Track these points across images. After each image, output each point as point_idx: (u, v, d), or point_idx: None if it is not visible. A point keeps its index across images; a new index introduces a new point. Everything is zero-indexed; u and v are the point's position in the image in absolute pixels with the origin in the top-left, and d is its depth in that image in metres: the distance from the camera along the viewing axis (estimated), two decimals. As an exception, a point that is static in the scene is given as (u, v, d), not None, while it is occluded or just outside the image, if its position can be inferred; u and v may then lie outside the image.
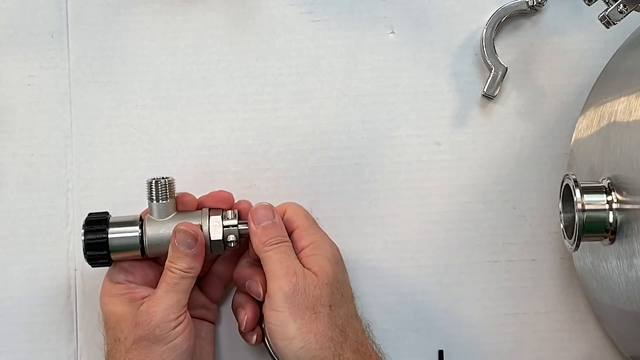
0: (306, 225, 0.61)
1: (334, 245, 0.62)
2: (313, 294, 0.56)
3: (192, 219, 0.60)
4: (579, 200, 0.52)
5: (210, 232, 0.59)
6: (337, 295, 0.58)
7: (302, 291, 0.56)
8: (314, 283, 0.56)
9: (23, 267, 0.65)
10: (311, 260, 0.58)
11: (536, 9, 0.66)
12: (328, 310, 0.56)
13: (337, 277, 0.58)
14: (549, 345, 0.65)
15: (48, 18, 0.68)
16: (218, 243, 0.59)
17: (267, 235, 0.59)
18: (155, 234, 0.59)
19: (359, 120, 0.67)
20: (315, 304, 0.56)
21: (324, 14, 0.68)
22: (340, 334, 0.56)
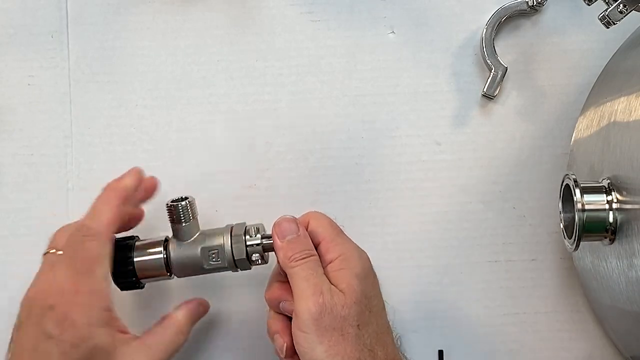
0: (332, 236, 0.58)
1: (363, 255, 0.59)
2: (340, 314, 0.54)
3: (215, 238, 0.59)
4: (579, 200, 0.52)
5: (233, 252, 0.58)
6: (365, 313, 0.55)
7: (329, 311, 0.54)
8: (341, 302, 0.54)
9: (23, 267, 0.65)
10: (339, 275, 0.56)
11: (536, 9, 0.66)
12: (356, 331, 0.54)
13: (365, 293, 0.56)
14: (549, 345, 0.65)
15: (48, 18, 0.68)
16: (243, 261, 0.59)
17: (293, 249, 0.56)
18: (180, 256, 0.59)
19: (359, 120, 0.67)
20: (343, 325, 0.54)
21: (324, 14, 0.68)
22: (369, 353, 0.54)
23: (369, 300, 0.56)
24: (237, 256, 0.58)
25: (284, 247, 0.57)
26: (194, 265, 0.59)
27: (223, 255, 0.58)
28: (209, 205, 0.66)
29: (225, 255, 0.58)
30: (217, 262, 0.58)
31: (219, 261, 0.58)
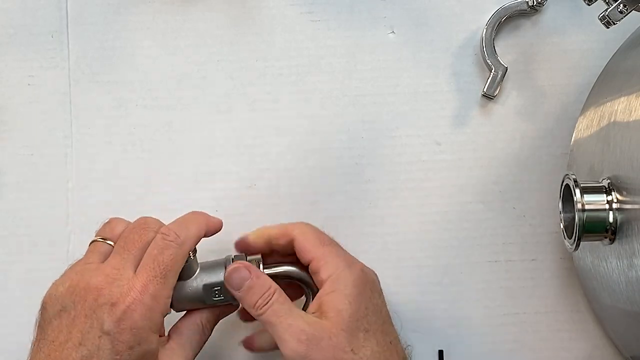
0: (323, 254, 0.57)
1: (355, 269, 0.57)
2: (329, 345, 0.53)
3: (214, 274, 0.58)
4: (579, 200, 0.52)
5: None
6: (359, 335, 0.54)
7: (316, 345, 0.52)
8: (327, 333, 0.53)
9: (23, 267, 0.65)
10: (328, 300, 0.55)
11: (536, 9, 0.66)
12: (351, 356, 0.53)
13: (357, 315, 0.54)
14: (549, 345, 0.65)
15: (48, 18, 0.68)
16: None
17: (253, 297, 0.55)
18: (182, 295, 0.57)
19: (359, 120, 0.67)
20: (335, 353, 0.53)
21: (324, 14, 0.68)
22: None
23: (362, 321, 0.55)
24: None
25: (243, 298, 0.56)
26: (196, 301, 0.58)
27: (225, 291, 0.57)
28: (209, 205, 0.66)
29: (227, 290, 0.57)
30: (219, 298, 0.58)
31: (222, 297, 0.58)
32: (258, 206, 0.66)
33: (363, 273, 0.57)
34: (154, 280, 0.53)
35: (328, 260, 0.57)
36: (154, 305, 0.53)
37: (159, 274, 0.54)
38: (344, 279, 0.56)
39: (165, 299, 0.54)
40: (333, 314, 0.54)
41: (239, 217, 0.66)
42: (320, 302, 0.55)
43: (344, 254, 0.58)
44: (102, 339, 0.51)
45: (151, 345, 0.53)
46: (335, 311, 0.54)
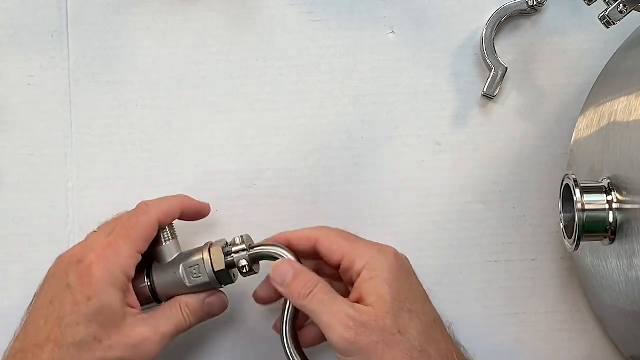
0: (352, 247, 0.57)
1: (389, 254, 0.57)
2: (376, 328, 0.53)
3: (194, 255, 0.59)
4: (579, 200, 0.52)
5: (212, 264, 0.58)
6: (404, 317, 0.54)
7: (364, 330, 0.53)
8: (373, 317, 0.53)
9: (23, 267, 0.65)
10: (368, 287, 0.55)
11: (536, 9, 0.66)
12: (399, 337, 0.53)
13: (399, 297, 0.55)
14: (549, 345, 0.65)
15: (48, 18, 0.68)
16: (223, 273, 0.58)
17: (296, 287, 0.56)
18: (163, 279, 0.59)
19: (359, 120, 0.67)
20: (384, 336, 0.53)
21: (324, 14, 0.68)
22: (420, 354, 0.53)
23: (405, 302, 0.55)
24: (217, 268, 0.58)
25: (287, 291, 0.56)
26: (176, 284, 0.58)
27: (203, 269, 0.58)
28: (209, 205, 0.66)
29: (205, 268, 0.58)
30: (198, 277, 0.58)
31: (200, 276, 0.58)
32: (258, 206, 0.66)
33: (396, 257, 0.57)
34: (118, 239, 0.57)
35: (359, 252, 0.57)
36: (114, 260, 0.56)
37: (124, 234, 0.57)
38: (380, 266, 0.56)
39: (128, 257, 0.56)
40: (375, 299, 0.54)
41: (239, 217, 0.66)
42: (360, 291, 0.55)
43: (373, 243, 0.59)
44: (65, 291, 0.55)
45: (109, 298, 0.55)
46: (377, 296, 0.55)
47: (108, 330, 0.54)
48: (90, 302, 0.54)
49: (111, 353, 0.54)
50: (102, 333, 0.54)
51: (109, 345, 0.54)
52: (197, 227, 0.66)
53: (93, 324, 0.54)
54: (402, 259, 0.58)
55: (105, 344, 0.54)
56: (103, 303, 0.54)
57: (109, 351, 0.54)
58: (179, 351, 0.65)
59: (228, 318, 0.65)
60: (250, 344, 0.65)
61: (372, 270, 0.56)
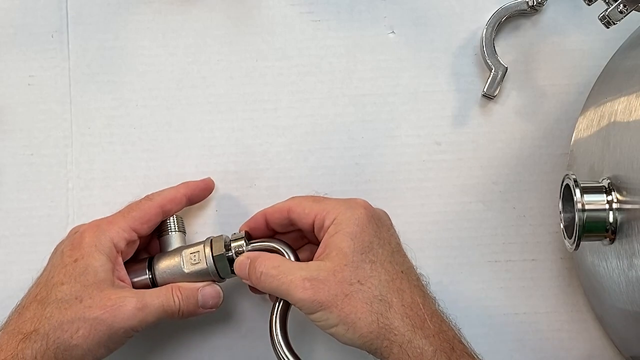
0: (322, 207, 0.58)
1: (357, 206, 0.58)
2: (334, 281, 0.54)
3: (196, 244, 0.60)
4: (579, 200, 0.52)
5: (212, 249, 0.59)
6: (364, 267, 0.55)
7: (322, 286, 0.54)
8: (330, 270, 0.55)
9: (23, 267, 0.65)
10: (331, 242, 0.56)
11: (536, 9, 0.66)
12: (358, 287, 0.54)
13: (361, 249, 0.56)
14: (549, 345, 0.65)
15: (48, 18, 0.68)
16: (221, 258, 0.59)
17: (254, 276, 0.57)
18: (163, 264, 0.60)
19: (359, 120, 0.67)
20: (342, 287, 0.54)
21: (324, 14, 0.68)
22: (381, 303, 0.54)
23: (367, 255, 0.56)
24: (217, 252, 0.59)
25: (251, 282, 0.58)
26: (175, 271, 0.59)
27: (203, 256, 0.59)
28: (209, 205, 0.66)
29: (205, 254, 0.59)
30: (197, 263, 0.59)
31: (198, 262, 0.59)
32: (258, 206, 0.66)
33: (366, 210, 0.58)
34: (117, 214, 0.61)
35: (329, 209, 0.58)
36: (106, 228, 0.59)
37: (123, 211, 0.61)
38: (345, 220, 0.57)
39: (119, 230, 0.59)
40: (335, 252, 0.56)
41: (239, 217, 0.66)
42: (325, 246, 0.57)
43: (344, 200, 0.60)
44: (58, 257, 0.59)
45: (95, 262, 0.57)
46: (337, 249, 0.56)
47: (89, 290, 0.56)
48: (76, 263, 0.57)
49: (89, 312, 0.55)
50: (84, 292, 0.56)
51: (89, 304, 0.56)
52: (198, 227, 0.66)
53: (77, 284, 0.56)
54: (373, 212, 0.59)
55: (85, 303, 0.56)
56: (88, 265, 0.57)
57: (88, 310, 0.55)
58: (180, 350, 0.65)
59: (227, 316, 0.65)
60: (249, 342, 0.65)
61: (338, 225, 0.57)
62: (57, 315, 0.55)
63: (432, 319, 0.55)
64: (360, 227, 0.57)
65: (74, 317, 0.55)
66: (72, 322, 0.55)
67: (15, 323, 0.56)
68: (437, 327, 0.55)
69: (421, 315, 0.55)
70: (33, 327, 0.55)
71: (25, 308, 0.57)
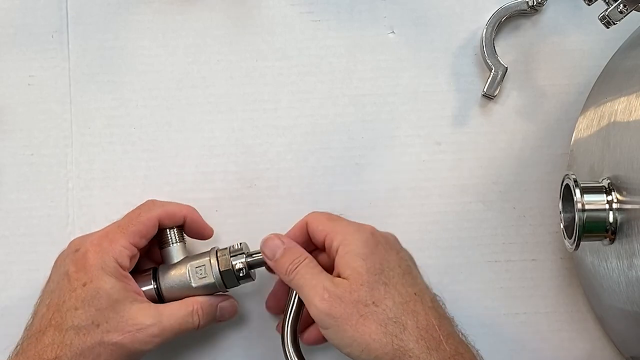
0: (332, 227, 0.59)
1: (365, 230, 0.59)
2: (351, 300, 0.55)
3: (200, 258, 0.60)
4: (579, 200, 0.52)
5: (219, 264, 0.59)
6: (379, 289, 0.56)
7: (339, 302, 0.54)
8: (347, 289, 0.55)
9: (23, 267, 0.65)
10: (344, 261, 0.57)
11: (536, 9, 0.66)
12: (373, 309, 0.55)
13: (373, 270, 0.56)
14: (549, 345, 0.65)
15: (48, 18, 0.68)
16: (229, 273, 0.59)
17: (285, 264, 0.58)
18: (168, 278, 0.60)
19: (359, 120, 0.67)
20: (357, 307, 0.55)
21: (324, 14, 0.68)
22: (395, 325, 0.54)
23: (379, 276, 0.56)
24: (223, 268, 0.59)
25: (276, 265, 0.58)
26: (182, 285, 0.59)
27: (210, 270, 0.59)
28: (209, 205, 0.66)
29: (212, 269, 0.59)
30: (204, 278, 0.59)
31: (205, 276, 0.59)
32: (258, 206, 0.66)
33: (373, 234, 0.59)
34: (115, 229, 0.59)
35: (338, 230, 0.59)
36: (108, 248, 0.58)
37: (121, 225, 0.59)
38: (354, 241, 0.58)
39: (121, 247, 0.58)
40: (349, 271, 0.56)
41: (239, 217, 0.66)
42: (337, 266, 0.57)
43: (353, 222, 0.60)
44: (63, 279, 0.58)
45: (104, 284, 0.56)
46: (351, 269, 0.56)
47: (106, 314, 0.56)
48: (85, 287, 0.56)
49: (108, 337, 0.56)
50: (100, 317, 0.56)
51: (107, 329, 0.56)
52: (197, 227, 0.66)
53: (91, 308, 0.56)
54: (381, 235, 0.59)
55: (103, 327, 0.56)
56: (98, 289, 0.56)
57: (107, 335, 0.56)
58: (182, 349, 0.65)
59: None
60: (253, 343, 0.65)
61: (347, 245, 0.57)
62: (77, 343, 0.55)
63: (448, 340, 0.55)
64: (370, 248, 0.57)
65: (94, 343, 0.55)
66: (93, 348, 0.55)
67: (34, 349, 0.55)
68: (453, 348, 0.55)
69: (437, 337, 0.55)
70: (54, 354, 0.55)
71: (42, 333, 0.56)
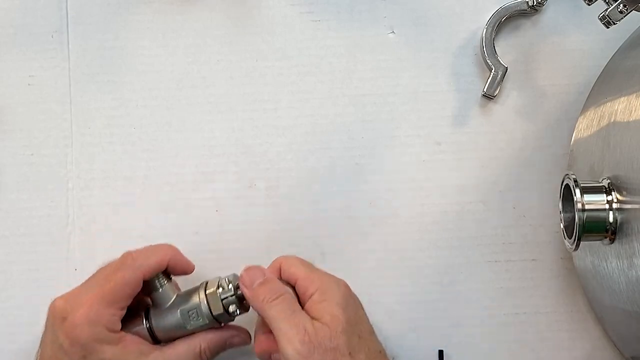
0: (307, 273, 0.58)
1: (341, 283, 0.59)
2: (330, 347, 0.53)
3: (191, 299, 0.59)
4: (579, 200, 0.52)
5: (210, 309, 0.59)
6: (354, 339, 0.55)
7: (317, 347, 0.53)
8: (327, 335, 0.54)
9: (23, 267, 0.65)
10: (321, 308, 0.56)
11: (536, 9, 0.66)
12: (349, 359, 0.54)
13: (350, 321, 0.56)
14: (549, 345, 0.65)
15: (48, 18, 0.68)
16: (222, 315, 0.59)
17: (263, 293, 0.56)
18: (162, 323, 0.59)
19: (359, 120, 0.67)
20: (335, 356, 0.54)
21: (324, 14, 0.68)
22: None
23: (355, 327, 0.56)
24: (215, 312, 0.58)
25: (254, 293, 0.57)
26: (177, 328, 0.59)
27: (202, 314, 0.59)
28: (209, 205, 0.66)
29: (203, 313, 0.58)
30: (197, 321, 0.59)
31: (199, 320, 0.59)
32: (258, 206, 0.66)
33: (347, 288, 0.59)
34: (100, 298, 0.56)
35: (314, 277, 0.58)
36: (97, 320, 0.56)
37: (107, 292, 0.57)
38: (332, 291, 0.57)
39: (110, 316, 0.56)
40: (329, 317, 0.55)
41: (239, 217, 0.66)
42: (311, 311, 0.56)
43: (329, 274, 0.60)
44: (60, 352, 0.56)
45: (103, 355, 0.56)
46: (331, 316, 0.55)
47: None
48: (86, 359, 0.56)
49: None
50: None
51: None
52: (197, 227, 0.66)
53: None
54: (352, 292, 0.59)
55: None
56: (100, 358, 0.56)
57: None
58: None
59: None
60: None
61: (325, 294, 0.56)
62: None
63: None
64: (346, 301, 0.57)
65: None
66: None
67: None
68: None
69: None
70: None
71: None
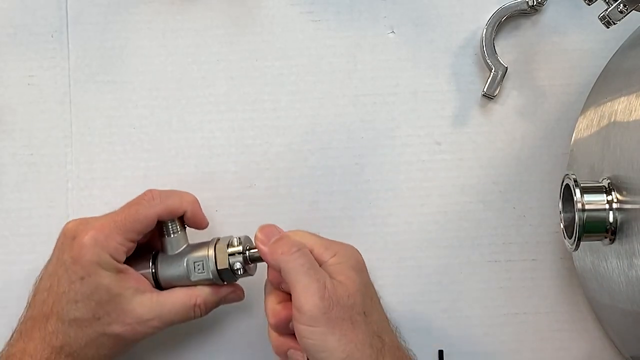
0: (321, 241, 0.58)
1: (356, 251, 0.59)
2: (347, 304, 0.54)
3: (200, 250, 0.60)
4: (579, 200, 0.52)
5: (217, 262, 0.59)
6: (368, 301, 0.56)
7: (336, 303, 0.53)
8: (345, 293, 0.54)
9: (23, 267, 0.65)
10: (337, 269, 0.56)
11: (536, 8, 0.66)
12: (363, 318, 0.54)
13: (364, 283, 0.57)
14: (549, 345, 0.65)
15: (48, 18, 0.68)
16: (226, 272, 0.59)
17: (281, 247, 0.56)
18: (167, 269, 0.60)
19: (359, 120, 0.67)
20: (351, 313, 0.54)
21: (324, 14, 0.68)
22: (378, 339, 0.55)
23: (368, 289, 0.57)
24: (221, 266, 0.59)
25: (271, 246, 0.56)
26: (179, 278, 0.60)
27: (207, 266, 0.59)
28: (209, 205, 0.66)
29: (209, 266, 0.59)
30: (201, 274, 0.59)
31: (203, 272, 0.59)
32: (258, 206, 0.66)
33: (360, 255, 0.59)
34: (113, 224, 0.58)
35: (328, 244, 0.58)
36: (104, 244, 0.57)
37: (119, 221, 0.58)
38: (346, 256, 0.57)
39: (117, 244, 0.58)
40: (344, 278, 0.55)
41: (239, 217, 0.66)
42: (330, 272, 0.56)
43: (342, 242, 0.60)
44: (62, 268, 0.58)
45: (102, 280, 0.57)
46: (346, 276, 0.55)
47: (106, 308, 0.57)
48: (83, 281, 0.57)
49: (110, 329, 0.58)
50: (101, 311, 0.57)
51: (108, 322, 0.57)
52: (197, 227, 0.66)
53: (91, 302, 0.57)
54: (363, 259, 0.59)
55: (104, 320, 0.57)
56: (97, 283, 0.57)
57: (108, 327, 0.58)
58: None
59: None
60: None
61: (341, 258, 0.57)
62: (80, 334, 0.57)
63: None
64: (360, 265, 0.58)
65: (96, 334, 0.57)
66: (95, 339, 0.58)
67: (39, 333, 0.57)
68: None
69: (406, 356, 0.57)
70: (59, 342, 0.57)
71: (46, 319, 0.58)
